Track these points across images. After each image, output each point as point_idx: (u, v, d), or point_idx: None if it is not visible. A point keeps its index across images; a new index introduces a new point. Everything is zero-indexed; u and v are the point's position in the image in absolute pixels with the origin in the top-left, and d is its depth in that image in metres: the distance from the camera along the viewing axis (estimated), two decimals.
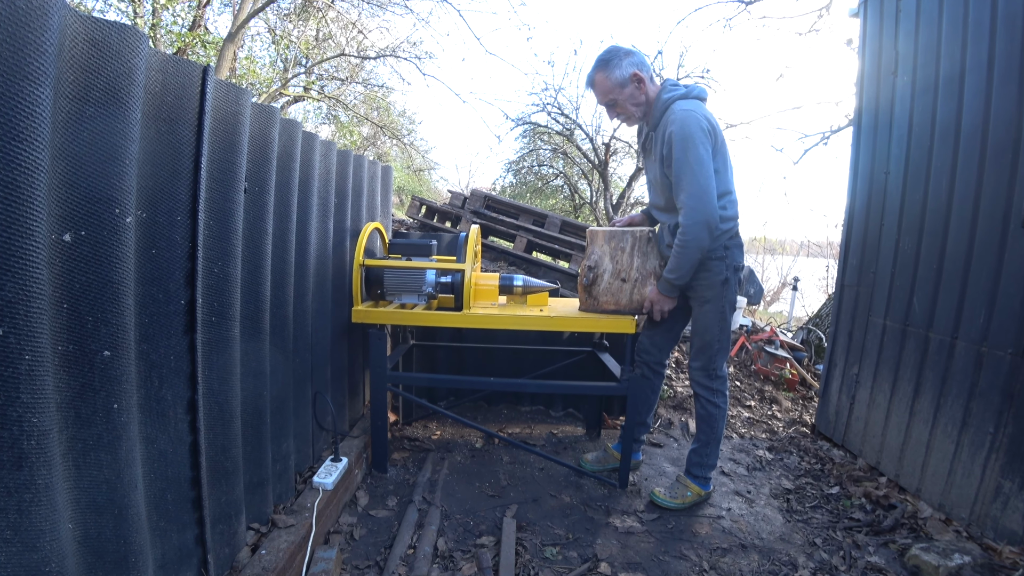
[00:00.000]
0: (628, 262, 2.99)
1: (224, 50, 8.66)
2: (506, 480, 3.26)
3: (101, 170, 1.31)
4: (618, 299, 3.04)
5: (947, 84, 3.00)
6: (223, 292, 1.87)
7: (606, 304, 3.07)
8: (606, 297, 3.05)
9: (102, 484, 1.37)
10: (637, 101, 2.80)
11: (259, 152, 2.06)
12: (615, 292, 3.03)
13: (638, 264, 2.99)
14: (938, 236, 3.03)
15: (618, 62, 2.75)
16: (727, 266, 2.82)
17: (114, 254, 1.36)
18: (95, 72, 1.30)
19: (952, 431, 2.86)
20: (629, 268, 3.00)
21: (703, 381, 2.97)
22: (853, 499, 3.15)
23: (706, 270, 2.83)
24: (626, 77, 2.75)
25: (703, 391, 2.99)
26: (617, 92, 2.78)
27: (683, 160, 2.61)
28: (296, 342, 2.52)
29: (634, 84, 2.76)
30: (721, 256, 2.81)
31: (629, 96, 2.79)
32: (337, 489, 2.69)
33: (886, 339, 3.42)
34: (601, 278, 3.04)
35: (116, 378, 1.38)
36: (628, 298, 3.02)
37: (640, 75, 2.75)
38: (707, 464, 3.06)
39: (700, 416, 3.04)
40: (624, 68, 2.74)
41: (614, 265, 3.01)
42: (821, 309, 6.82)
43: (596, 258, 3.04)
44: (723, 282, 2.83)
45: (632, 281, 3.00)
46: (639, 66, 2.76)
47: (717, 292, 2.84)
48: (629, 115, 2.86)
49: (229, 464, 1.97)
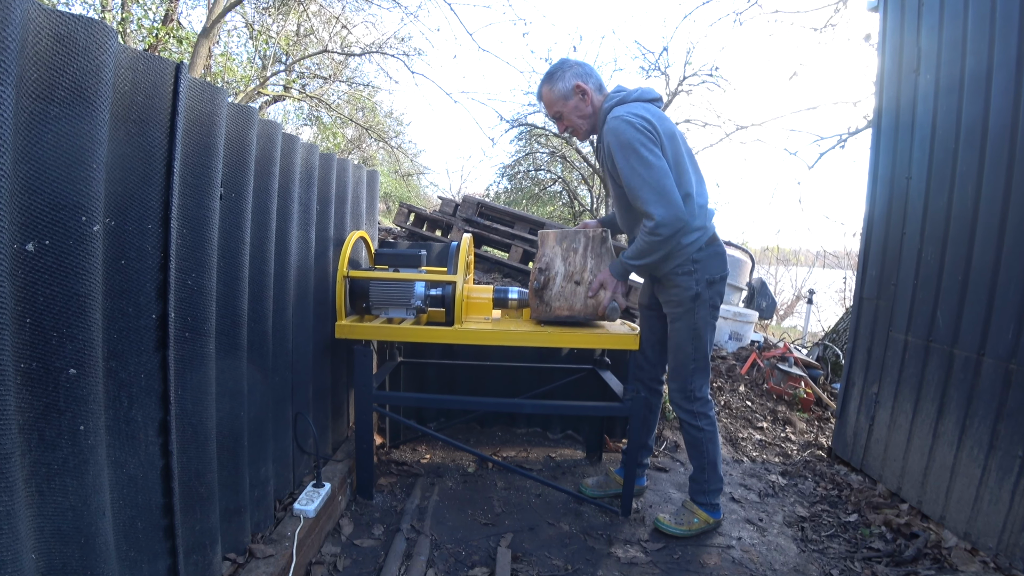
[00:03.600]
0: (581, 263, 2.99)
1: (198, 46, 8.70)
2: (500, 507, 3.25)
3: (67, 175, 1.31)
4: (572, 303, 3.01)
5: (973, 82, 3.02)
6: (197, 306, 1.87)
7: (559, 310, 3.03)
8: (559, 302, 3.02)
9: (68, 511, 1.36)
10: (582, 113, 2.90)
11: (236, 156, 2.06)
12: (568, 296, 3.01)
13: (592, 265, 2.98)
14: (963, 245, 3.04)
15: (561, 74, 2.87)
16: (696, 280, 2.80)
17: (80, 265, 1.36)
18: (60, 70, 1.30)
19: (979, 454, 2.87)
20: (583, 270, 2.99)
21: (682, 404, 2.98)
22: (872, 527, 3.15)
23: (673, 286, 2.84)
24: (568, 89, 2.86)
25: (684, 415, 3.00)
26: (561, 104, 2.90)
27: (627, 169, 2.66)
28: (276, 359, 2.52)
29: (577, 96, 2.87)
30: (689, 271, 2.80)
31: (573, 108, 2.90)
32: (319, 517, 2.68)
33: (908, 356, 3.44)
34: (553, 281, 3.02)
35: (83, 398, 1.38)
36: (583, 303, 3.00)
37: (583, 86, 2.85)
38: (708, 490, 3.05)
39: (687, 441, 3.06)
40: (567, 80, 2.86)
41: (566, 267, 3.00)
42: (838, 324, 6.84)
43: (547, 260, 3.03)
44: (693, 297, 2.81)
45: (586, 283, 2.98)
46: (582, 77, 2.86)
47: (688, 308, 2.83)
48: (575, 128, 2.98)
49: (204, 490, 1.96)
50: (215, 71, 9.93)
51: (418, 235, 5.61)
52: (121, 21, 8.57)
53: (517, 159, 13.94)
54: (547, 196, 14.20)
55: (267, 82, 11.82)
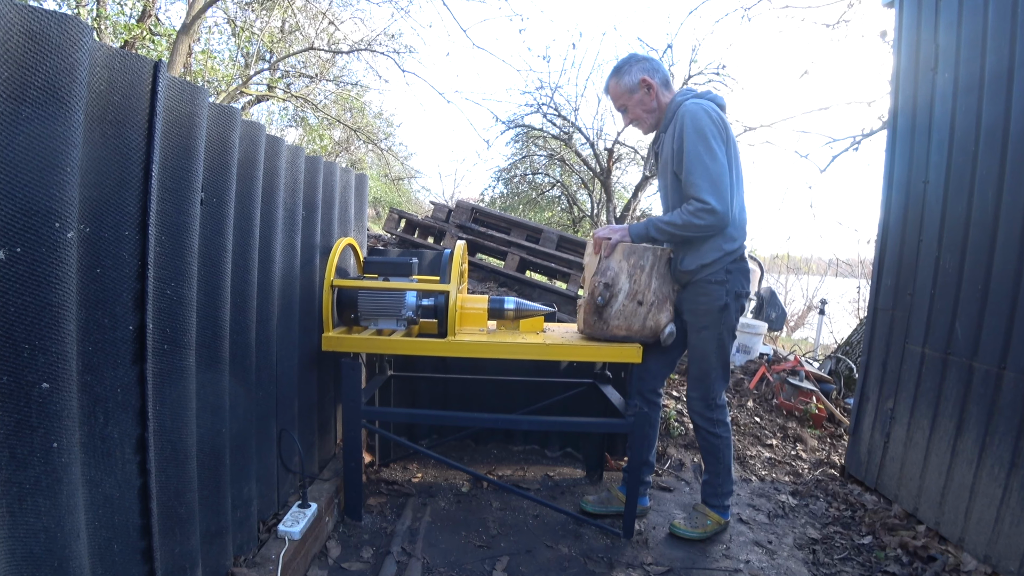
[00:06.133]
0: (647, 283, 3.00)
1: (178, 43, 8.70)
2: (496, 529, 3.25)
3: (39, 179, 1.31)
4: (631, 324, 3.04)
5: (994, 81, 3.04)
6: (176, 316, 1.87)
7: (616, 329, 3.06)
8: (618, 321, 3.04)
9: (40, 533, 1.36)
10: (648, 107, 3.09)
11: (217, 158, 2.07)
12: (628, 316, 3.03)
13: (656, 287, 3.01)
14: (984, 253, 3.05)
15: (628, 68, 3.06)
16: (727, 291, 2.96)
17: (54, 273, 1.36)
18: (32, 68, 1.30)
19: (999, 473, 2.87)
20: (647, 290, 3.01)
21: (702, 412, 3.17)
22: (888, 550, 3.15)
23: (704, 294, 2.99)
24: (635, 83, 3.05)
25: (703, 422, 3.18)
26: (626, 98, 3.10)
27: (693, 153, 2.82)
28: (259, 373, 2.52)
29: (643, 90, 3.05)
30: (721, 280, 2.95)
31: (639, 102, 3.08)
32: (305, 539, 2.68)
33: (925, 369, 3.45)
34: (616, 298, 3.02)
35: (56, 414, 1.38)
36: (641, 324, 3.04)
37: (649, 81, 3.03)
38: (723, 492, 3.26)
39: (704, 448, 3.26)
40: (633, 74, 3.05)
41: (631, 285, 3.00)
42: (851, 336, 6.85)
43: (612, 275, 3.00)
44: (722, 308, 2.98)
45: (648, 305, 3.02)
46: (648, 72, 3.04)
47: (715, 318, 3.00)
48: (640, 121, 3.15)
49: (183, 510, 1.96)
50: (195, 70, 9.93)
51: (409, 242, 5.62)
52: (96, 17, 8.59)
53: (513, 162, 13.92)
54: (545, 201, 14.17)
55: (250, 81, 11.81)
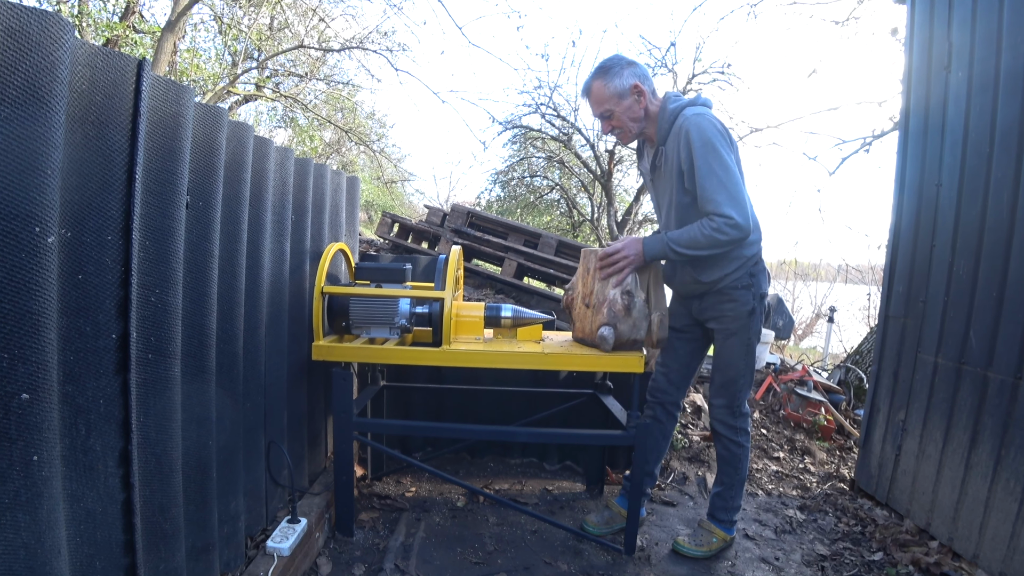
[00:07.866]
0: (591, 285, 3.03)
1: (162, 41, 8.72)
2: (493, 545, 3.24)
3: (18, 182, 1.31)
4: (583, 326, 3.08)
5: (1009, 81, 3.03)
6: (161, 325, 1.87)
7: (576, 332, 3.16)
8: (578, 323, 3.13)
9: (19, 549, 1.35)
10: (635, 116, 2.94)
11: (204, 160, 2.08)
12: (581, 318, 3.10)
13: (597, 289, 3.01)
14: (999, 258, 3.05)
15: (619, 71, 2.88)
16: (753, 295, 2.96)
17: (34, 280, 1.35)
18: (11, 67, 1.30)
19: (1015, 487, 2.87)
20: (589, 293, 3.04)
21: (727, 420, 3.13)
22: (899, 567, 3.15)
23: (732, 300, 2.96)
24: (626, 88, 2.88)
25: (726, 430, 3.14)
26: (614, 103, 2.91)
27: (705, 167, 2.73)
28: (247, 383, 2.52)
29: (634, 96, 2.90)
30: (747, 284, 2.94)
31: (627, 109, 2.92)
32: (295, 555, 2.67)
33: (938, 380, 3.45)
34: (575, 301, 3.13)
35: (36, 425, 1.38)
36: (589, 327, 3.04)
37: (641, 87, 2.89)
38: (733, 507, 3.23)
39: (723, 457, 3.20)
40: (625, 78, 2.87)
41: (582, 288, 3.09)
42: (861, 345, 6.86)
43: (573, 280, 3.14)
44: (750, 312, 2.96)
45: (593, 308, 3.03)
46: (641, 78, 2.90)
47: (744, 323, 2.98)
48: (625, 130, 3.00)
49: (168, 526, 1.95)
50: (181, 68, 9.94)
51: (403, 247, 5.62)
52: (78, 14, 8.60)
53: (511, 164, 13.91)
54: (543, 205, 14.16)
55: (238, 80, 11.83)
